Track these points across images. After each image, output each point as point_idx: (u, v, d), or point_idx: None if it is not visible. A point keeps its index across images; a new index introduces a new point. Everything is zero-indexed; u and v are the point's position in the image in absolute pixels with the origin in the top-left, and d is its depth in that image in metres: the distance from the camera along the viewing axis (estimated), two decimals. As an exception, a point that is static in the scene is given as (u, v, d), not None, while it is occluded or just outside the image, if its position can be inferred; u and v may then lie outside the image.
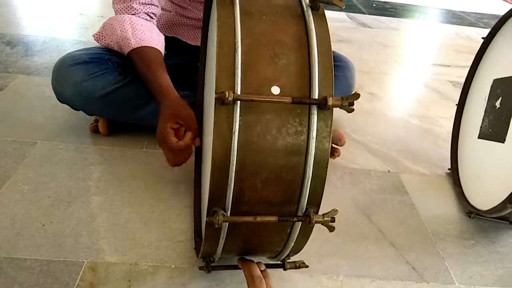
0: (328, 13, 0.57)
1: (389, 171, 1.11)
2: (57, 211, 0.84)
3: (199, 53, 0.87)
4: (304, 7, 0.58)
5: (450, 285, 0.80)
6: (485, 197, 0.93)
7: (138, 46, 0.92)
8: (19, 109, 1.16)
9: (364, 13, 2.74)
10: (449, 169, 1.12)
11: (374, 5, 3.02)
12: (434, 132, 1.33)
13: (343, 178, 1.06)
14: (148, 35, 0.93)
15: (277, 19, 0.57)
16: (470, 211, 0.96)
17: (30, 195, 0.87)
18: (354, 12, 2.72)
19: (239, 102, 0.51)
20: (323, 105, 0.51)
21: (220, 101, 0.50)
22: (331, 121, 0.53)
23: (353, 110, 0.52)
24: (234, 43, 0.52)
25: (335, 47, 1.43)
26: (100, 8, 2.16)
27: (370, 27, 2.43)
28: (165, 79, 0.87)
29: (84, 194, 0.89)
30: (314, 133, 0.52)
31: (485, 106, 0.99)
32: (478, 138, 1.00)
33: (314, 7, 0.57)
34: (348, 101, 0.51)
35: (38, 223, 0.80)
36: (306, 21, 0.57)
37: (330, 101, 0.51)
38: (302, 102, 0.51)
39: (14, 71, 1.37)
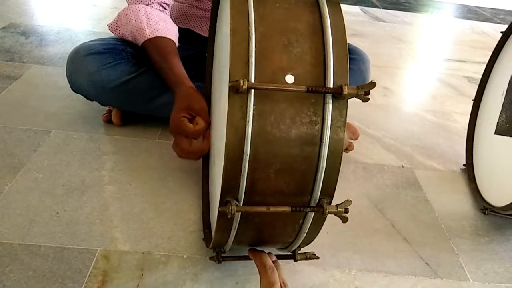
0: (342, 7, 0.56)
1: (403, 166, 1.09)
2: (70, 199, 0.84)
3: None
4: (318, -6, 0.57)
5: (464, 282, 0.78)
6: (500, 193, 0.91)
7: (153, 36, 0.92)
8: (33, 98, 1.17)
9: (378, 7, 2.71)
10: (464, 165, 1.11)
11: (389, -1, 2.98)
12: (449, 128, 1.31)
13: (356, 172, 1.05)
14: (162, 25, 0.93)
15: (291, 6, 0.56)
16: (484, 208, 0.95)
17: (44, 183, 0.88)
18: (368, 6, 2.69)
19: (253, 90, 0.50)
20: (338, 94, 0.50)
21: (234, 89, 0.49)
22: (346, 110, 0.52)
23: (368, 99, 0.51)
24: (248, 31, 0.52)
25: (348, 41, 1.42)
26: None
27: (384, 21, 2.40)
28: (180, 69, 0.87)
29: (97, 183, 0.89)
30: (328, 123, 0.51)
31: (503, 101, 0.97)
32: (495, 133, 0.98)
33: (328, -6, 0.56)
34: (364, 90, 0.50)
35: (52, 211, 0.81)
36: (320, 8, 0.56)
37: (346, 90, 0.50)
38: (317, 91, 0.50)
39: (28, 61, 1.38)
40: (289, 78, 0.52)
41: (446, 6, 3.09)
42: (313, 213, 0.56)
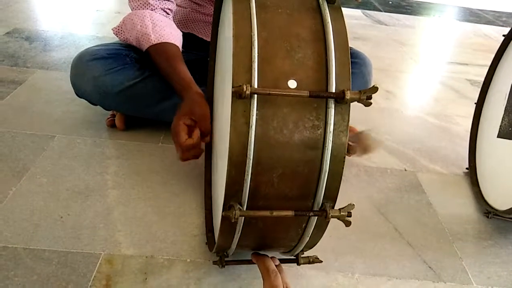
0: (344, 10, 0.57)
1: (405, 170, 1.09)
2: (74, 203, 0.85)
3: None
4: (320, 0, 0.57)
5: (467, 285, 0.78)
6: (503, 197, 0.91)
7: (158, 42, 0.92)
8: (37, 103, 1.18)
9: (380, 11, 2.72)
10: (466, 168, 1.11)
11: (390, 2, 2.99)
12: (451, 131, 1.31)
13: (359, 176, 1.05)
14: (167, 31, 0.94)
15: (293, 12, 0.56)
16: (487, 211, 0.95)
17: (48, 187, 0.88)
18: (370, 10, 2.70)
19: (256, 96, 0.50)
20: (340, 99, 0.51)
21: (237, 94, 0.49)
22: (349, 115, 0.52)
23: (370, 103, 0.51)
24: (251, 37, 0.52)
25: (351, 44, 1.43)
26: (117, 5, 2.19)
27: (386, 25, 2.41)
28: (187, 74, 0.87)
29: (101, 188, 0.90)
30: (331, 127, 0.52)
31: (505, 104, 0.97)
32: (498, 137, 0.98)
33: (330, 0, 0.56)
34: (366, 95, 0.50)
35: (56, 215, 0.81)
36: (322, 14, 0.56)
37: (348, 95, 0.50)
38: (319, 96, 0.51)
39: (32, 66, 1.39)
40: (292, 83, 0.52)
41: (448, 9, 3.10)
42: (316, 217, 0.56)
